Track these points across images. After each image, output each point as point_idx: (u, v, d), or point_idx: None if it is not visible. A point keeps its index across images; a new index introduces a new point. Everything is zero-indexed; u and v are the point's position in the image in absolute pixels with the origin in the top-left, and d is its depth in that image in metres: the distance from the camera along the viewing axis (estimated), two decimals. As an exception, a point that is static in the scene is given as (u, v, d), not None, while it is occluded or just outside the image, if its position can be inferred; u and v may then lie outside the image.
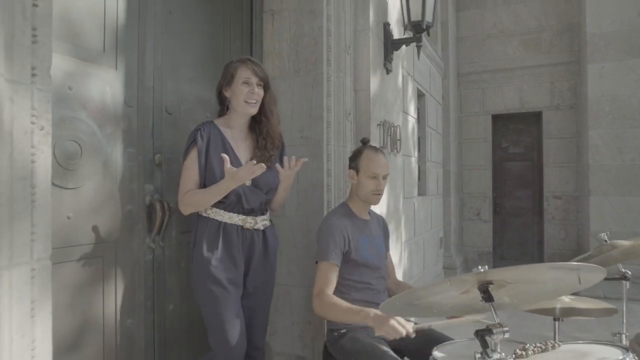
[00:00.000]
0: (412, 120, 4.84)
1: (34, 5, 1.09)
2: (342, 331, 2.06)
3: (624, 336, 1.63)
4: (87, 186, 1.80)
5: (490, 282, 1.10)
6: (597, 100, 5.88)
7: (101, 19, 1.90)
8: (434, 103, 6.23)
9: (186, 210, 1.98)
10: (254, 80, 2.02)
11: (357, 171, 2.18)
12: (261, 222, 2.05)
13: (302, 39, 2.75)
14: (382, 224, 2.39)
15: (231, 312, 1.92)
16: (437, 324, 1.71)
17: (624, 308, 1.76)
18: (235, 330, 1.92)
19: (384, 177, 2.20)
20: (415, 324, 1.76)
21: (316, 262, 2.12)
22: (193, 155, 1.96)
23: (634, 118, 5.69)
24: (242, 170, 1.81)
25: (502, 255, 7.35)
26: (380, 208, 2.96)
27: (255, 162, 1.81)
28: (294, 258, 2.74)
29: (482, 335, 1.07)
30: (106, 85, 1.91)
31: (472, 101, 7.37)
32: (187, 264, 2.22)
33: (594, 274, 1.12)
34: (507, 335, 1.09)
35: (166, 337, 2.19)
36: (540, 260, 7.00)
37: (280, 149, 2.16)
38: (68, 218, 1.73)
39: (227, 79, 2.03)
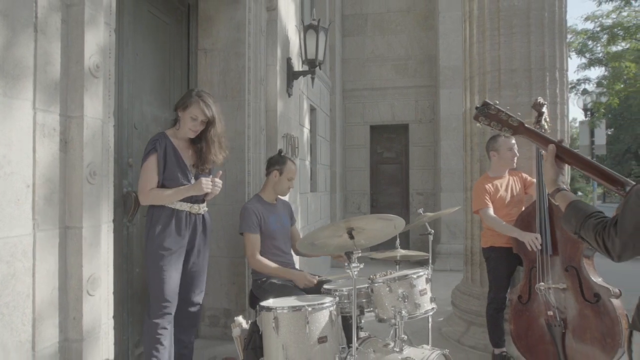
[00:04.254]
0: (306, 130, 5.98)
1: (109, 78, 1.96)
2: (263, 279, 3.08)
3: (430, 267, 2.88)
4: (90, 181, 2.60)
5: (353, 228, 2.19)
6: (447, 118, 7.56)
7: (96, 62, 2.69)
8: (323, 115, 7.46)
9: (148, 202, 2.57)
10: (200, 119, 2.59)
11: (281, 174, 3.22)
12: (202, 208, 2.72)
13: (229, 73, 3.70)
14: (287, 206, 3.45)
15: (171, 272, 2.52)
16: (329, 278, 2.83)
17: (430, 253, 3.03)
18: (172, 285, 2.52)
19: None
20: (319, 277, 2.89)
21: (241, 234, 3.11)
22: (153, 160, 2.53)
23: (471, 132, 7.44)
24: (207, 182, 2.57)
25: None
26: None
27: (218, 177, 2.63)
28: (222, 236, 3.68)
29: (348, 254, 2.17)
30: (99, 110, 2.71)
31: (354, 113, 8.77)
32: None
33: (399, 222, 2.28)
34: (359, 255, 2.19)
35: (133, 292, 3.01)
36: (407, 243, 8.59)
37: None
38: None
39: (184, 105, 2.60)
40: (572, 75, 27.11)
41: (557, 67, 3.84)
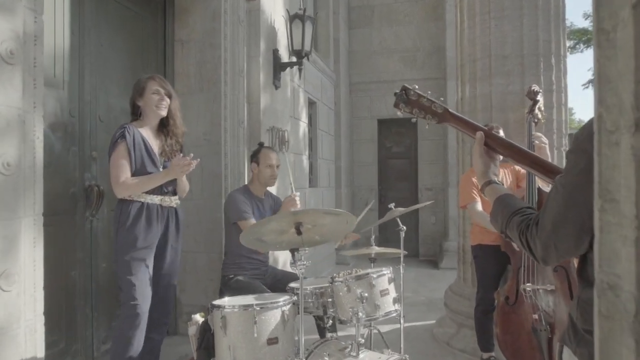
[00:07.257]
0: (303, 124, 5.84)
1: (35, 66, 1.88)
2: (230, 276, 2.97)
3: (401, 266, 2.73)
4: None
5: (301, 223, 2.05)
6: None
7: (52, 52, 2.62)
8: (325, 109, 7.30)
9: (124, 193, 2.39)
10: (162, 91, 2.53)
11: (258, 164, 3.08)
12: (174, 201, 2.59)
13: (205, 65, 3.60)
14: (275, 201, 3.25)
15: (142, 270, 2.40)
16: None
17: (402, 248, 2.85)
18: (142, 284, 2.39)
19: (277, 167, 3.12)
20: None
21: (234, 223, 2.96)
22: (123, 149, 2.39)
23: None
24: (180, 165, 2.38)
25: (387, 239, 8.64)
26: (267, 194, 3.88)
27: (190, 158, 2.41)
28: (199, 231, 3.59)
29: (293, 250, 2.04)
30: (56, 101, 2.64)
31: (361, 107, 8.58)
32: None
33: (351, 218, 2.13)
34: (307, 251, 2.05)
35: (99, 287, 2.95)
36: (417, 240, 8.38)
37: (181, 147, 2.66)
38: (32, 196, 2.45)
39: (139, 92, 2.53)
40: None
41: (553, 52, 3.59)
